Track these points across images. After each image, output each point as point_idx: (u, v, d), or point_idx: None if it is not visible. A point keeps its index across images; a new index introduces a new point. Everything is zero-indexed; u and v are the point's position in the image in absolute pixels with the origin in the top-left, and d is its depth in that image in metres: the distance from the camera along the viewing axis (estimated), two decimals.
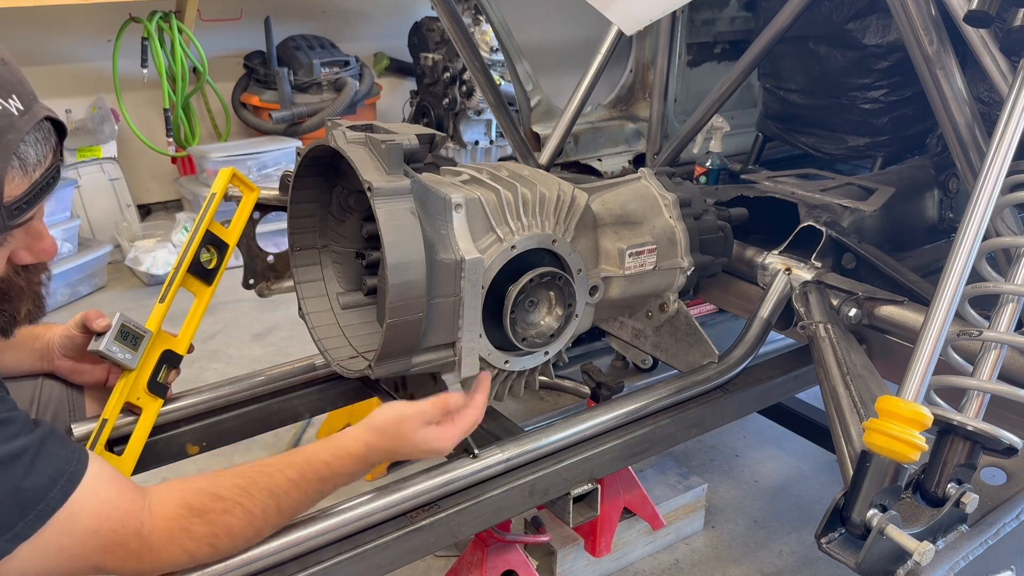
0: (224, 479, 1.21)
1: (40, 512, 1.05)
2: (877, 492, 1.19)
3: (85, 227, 4.01)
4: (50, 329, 1.60)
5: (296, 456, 1.27)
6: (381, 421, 1.31)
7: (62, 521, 1.07)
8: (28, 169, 1.08)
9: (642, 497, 2.11)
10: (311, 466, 1.26)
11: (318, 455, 1.27)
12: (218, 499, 1.18)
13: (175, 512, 1.15)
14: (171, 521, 1.15)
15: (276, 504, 1.21)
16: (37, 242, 1.17)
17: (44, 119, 1.11)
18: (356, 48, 4.97)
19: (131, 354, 1.55)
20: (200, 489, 1.19)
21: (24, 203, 1.08)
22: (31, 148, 1.08)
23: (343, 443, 1.30)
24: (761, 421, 2.65)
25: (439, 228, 1.41)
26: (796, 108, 2.46)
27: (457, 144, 4.67)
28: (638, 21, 1.84)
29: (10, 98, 1.05)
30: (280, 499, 1.22)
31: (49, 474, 1.07)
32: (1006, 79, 1.55)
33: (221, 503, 1.18)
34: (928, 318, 1.28)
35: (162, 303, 1.60)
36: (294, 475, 1.24)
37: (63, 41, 4.33)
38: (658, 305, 1.81)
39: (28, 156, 1.08)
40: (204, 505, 1.17)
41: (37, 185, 1.10)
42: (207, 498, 1.18)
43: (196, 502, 1.17)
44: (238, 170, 1.72)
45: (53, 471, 1.07)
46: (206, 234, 1.65)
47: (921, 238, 2.21)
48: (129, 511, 1.13)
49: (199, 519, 1.16)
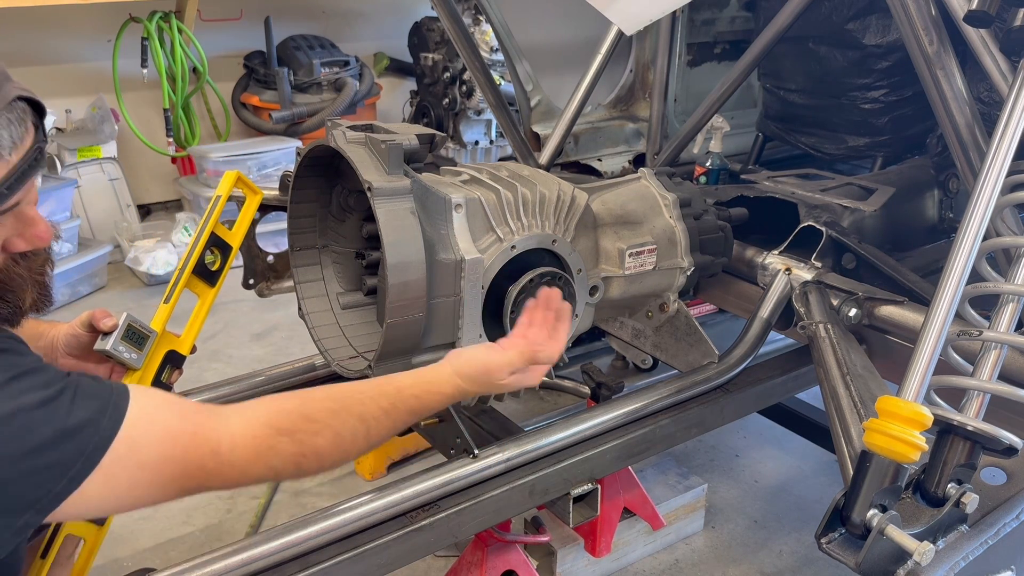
0: (315, 401, 1.21)
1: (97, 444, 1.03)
2: (877, 492, 1.19)
3: (85, 227, 4.01)
4: (55, 327, 1.60)
5: (387, 386, 1.26)
6: (471, 369, 1.31)
7: (123, 453, 1.05)
8: (3, 153, 1.04)
9: (642, 497, 2.11)
10: (402, 398, 1.26)
11: (410, 388, 1.27)
12: (309, 420, 1.17)
13: (262, 431, 1.14)
14: (257, 440, 1.13)
15: (366, 430, 1.21)
16: (30, 228, 1.14)
17: (16, 99, 1.07)
18: (356, 48, 4.97)
19: (136, 354, 1.55)
20: (290, 411, 1.18)
21: (4, 188, 1.05)
22: (3, 131, 1.04)
23: (435, 380, 1.30)
24: (761, 421, 2.65)
25: (439, 228, 1.41)
26: (796, 108, 2.46)
27: (457, 144, 4.67)
28: (638, 21, 1.84)
29: None
30: (370, 425, 1.22)
31: (93, 407, 1.05)
32: (1006, 79, 1.55)
33: (312, 424, 1.17)
34: (928, 318, 1.28)
35: (167, 304, 1.60)
36: (386, 404, 1.24)
37: (63, 41, 4.33)
38: (658, 305, 1.81)
39: (1, 139, 1.04)
40: (294, 425, 1.16)
41: (17, 169, 1.06)
42: (298, 419, 1.17)
43: (286, 423, 1.16)
44: (242, 173, 1.72)
45: (97, 403, 1.05)
46: (210, 236, 1.66)
47: (921, 238, 2.21)
48: (197, 432, 1.11)
49: (288, 438, 1.15)
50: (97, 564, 1.44)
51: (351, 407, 1.21)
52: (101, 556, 1.52)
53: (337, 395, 1.22)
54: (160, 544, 2.19)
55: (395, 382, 1.27)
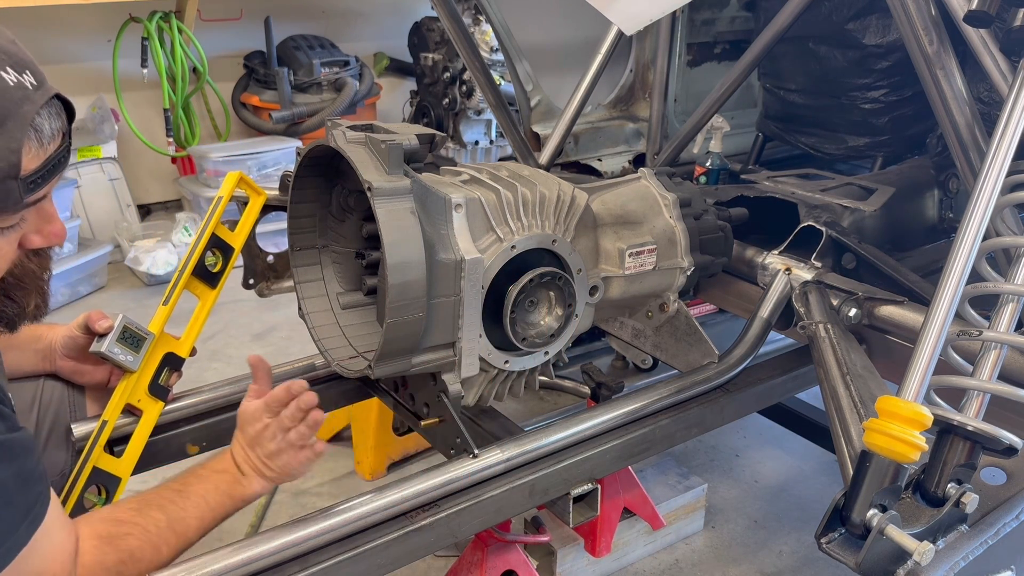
0: (124, 503, 1.28)
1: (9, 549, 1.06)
2: (877, 492, 1.19)
3: (85, 227, 4.01)
4: (52, 329, 1.61)
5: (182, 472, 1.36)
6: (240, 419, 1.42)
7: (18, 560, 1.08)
8: (44, 142, 1.08)
9: (642, 497, 2.11)
10: (191, 472, 1.35)
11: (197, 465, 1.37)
12: (119, 523, 1.23)
13: (90, 545, 1.20)
14: (89, 555, 1.19)
15: (164, 516, 1.27)
16: (48, 224, 1.17)
17: (55, 96, 1.11)
18: (356, 48, 4.97)
19: (132, 356, 1.55)
20: (104, 518, 1.24)
21: (39, 177, 1.08)
22: (46, 122, 1.08)
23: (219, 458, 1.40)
24: (761, 421, 2.65)
25: (439, 228, 1.41)
26: (796, 108, 2.46)
27: (457, 144, 4.67)
28: (638, 21, 1.84)
29: (24, 72, 1.06)
30: (168, 510, 1.27)
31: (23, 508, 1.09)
32: (1006, 79, 1.55)
33: (122, 527, 1.23)
34: (928, 318, 1.28)
35: (165, 305, 1.60)
36: (175, 484, 1.32)
37: (63, 41, 4.33)
38: (658, 305, 1.81)
39: (43, 129, 1.08)
40: (109, 531, 1.22)
41: (51, 160, 1.10)
42: (110, 524, 1.23)
43: (103, 530, 1.22)
44: (245, 174, 1.72)
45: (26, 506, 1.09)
46: (211, 237, 1.65)
47: (921, 238, 2.21)
48: (69, 554, 1.16)
49: (109, 546, 1.21)
50: None
51: (150, 500, 1.29)
52: None
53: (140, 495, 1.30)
54: None
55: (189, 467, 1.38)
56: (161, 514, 1.26)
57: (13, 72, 1.04)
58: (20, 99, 1.04)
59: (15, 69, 1.04)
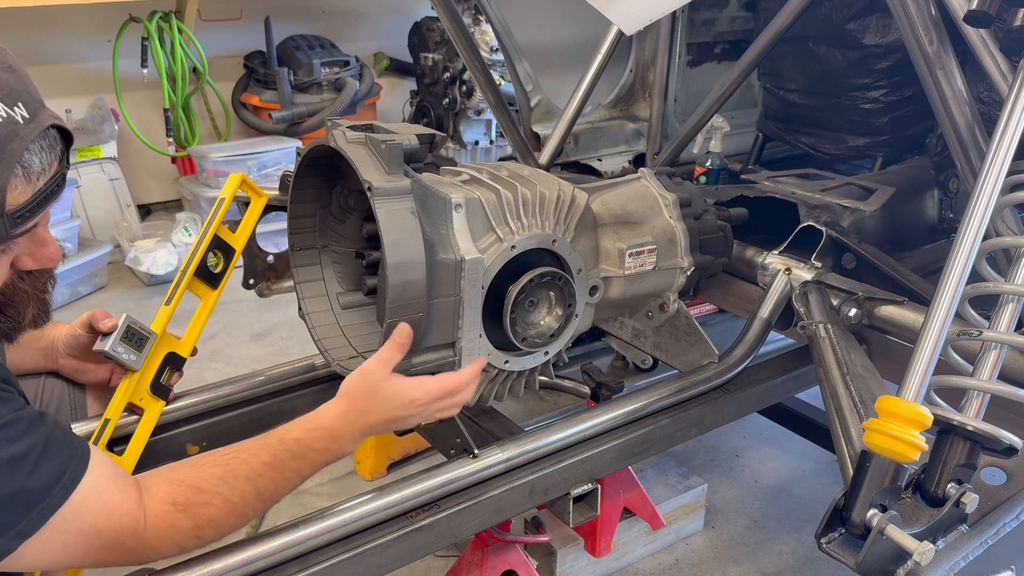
0: (204, 469, 1.22)
1: (42, 511, 1.06)
2: (877, 492, 1.19)
3: (85, 227, 4.01)
4: (55, 328, 1.61)
5: (270, 438, 1.27)
6: (348, 385, 1.31)
7: (66, 519, 1.08)
8: (32, 178, 1.07)
9: (642, 497, 2.11)
10: (284, 444, 1.26)
11: (290, 432, 1.27)
12: (199, 492, 1.19)
13: (162, 509, 1.17)
14: (160, 519, 1.17)
15: (255, 489, 1.23)
16: (41, 248, 1.16)
17: (50, 127, 1.10)
18: (356, 48, 4.96)
19: (135, 355, 1.56)
20: (182, 482, 1.20)
21: (27, 212, 1.08)
22: (35, 157, 1.07)
23: (315, 417, 1.29)
24: (761, 421, 2.65)
25: (439, 228, 1.41)
26: (796, 108, 2.46)
27: (457, 144, 4.67)
28: (638, 21, 1.84)
29: (15, 106, 1.04)
30: (257, 483, 1.23)
31: (53, 472, 1.08)
32: (1006, 79, 1.55)
33: (202, 496, 1.19)
34: (928, 318, 1.28)
35: (168, 306, 1.60)
36: (268, 458, 1.24)
37: (63, 41, 4.33)
38: (658, 305, 1.81)
39: (32, 165, 1.07)
40: (188, 499, 1.19)
41: (41, 193, 1.09)
42: (189, 491, 1.19)
43: (180, 497, 1.19)
44: (247, 175, 1.72)
45: (56, 470, 1.08)
46: (213, 238, 1.66)
47: (921, 238, 2.21)
48: (128, 511, 1.14)
49: (183, 514, 1.18)
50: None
51: (236, 469, 1.22)
52: None
53: (223, 459, 1.24)
54: None
55: (278, 431, 1.28)
56: (250, 487, 1.22)
57: (2, 107, 1.02)
58: (8, 136, 1.02)
59: (5, 103, 1.03)
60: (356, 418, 1.29)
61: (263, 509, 1.26)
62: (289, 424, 1.29)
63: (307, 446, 1.26)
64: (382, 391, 1.29)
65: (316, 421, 1.28)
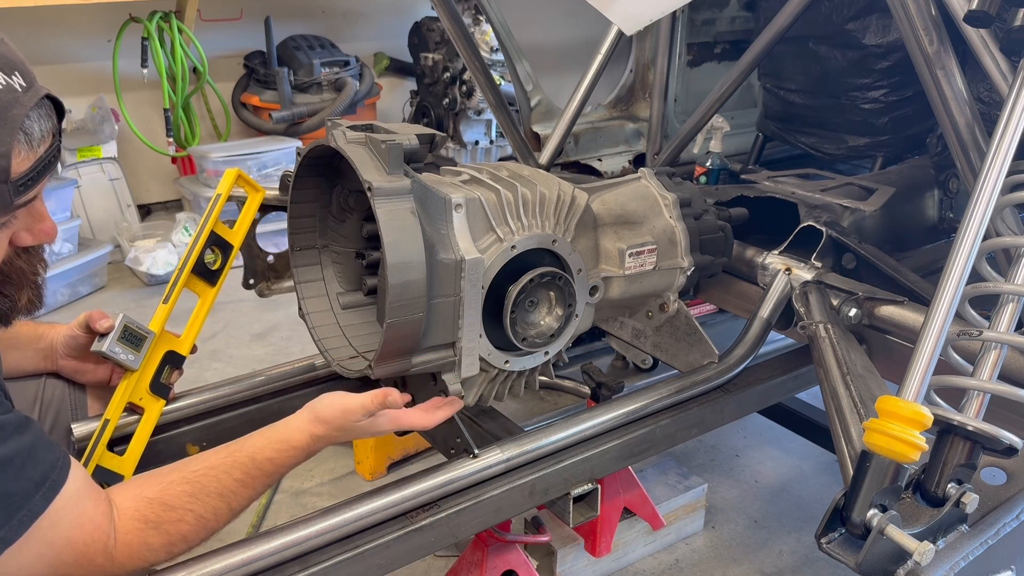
0: (173, 487, 1.23)
1: (23, 517, 1.06)
2: (877, 492, 1.19)
3: (85, 227, 4.01)
4: (54, 329, 1.61)
5: (240, 454, 1.28)
6: (328, 412, 1.34)
7: (43, 529, 1.08)
8: (33, 144, 1.08)
9: (642, 497, 2.11)
10: (256, 464, 1.28)
11: (263, 452, 1.29)
12: (170, 509, 1.21)
13: (132, 527, 1.18)
14: (130, 535, 1.17)
15: (227, 505, 1.25)
16: (38, 223, 1.17)
17: (45, 96, 1.11)
18: (356, 48, 4.97)
19: (134, 355, 1.55)
20: (152, 500, 1.21)
21: (29, 179, 1.08)
22: (35, 124, 1.08)
23: (287, 436, 1.32)
24: (761, 421, 2.65)
25: (439, 228, 1.40)
26: (796, 108, 2.46)
27: (457, 144, 4.67)
28: (638, 21, 1.84)
29: (13, 74, 1.05)
30: (230, 500, 1.25)
31: (35, 479, 1.08)
32: (1006, 79, 1.55)
33: (174, 513, 1.20)
34: (928, 318, 1.28)
35: (165, 304, 1.60)
36: (240, 476, 1.27)
37: (63, 41, 4.33)
38: (658, 305, 1.81)
39: (33, 131, 1.07)
40: (158, 516, 1.20)
41: (41, 161, 1.10)
42: (159, 509, 1.20)
43: (151, 514, 1.19)
44: (243, 171, 1.72)
45: (39, 476, 1.08)
46: (210, 235, 1.65)
47: (921, 238, 2.21)
48: (100, 525, 1.15)
49: (155, 531, 1.19)
50: None
51: (207, 486, 1.24)
52: None
53: (192, 476, 1.24)
54: None
55: (248, 448, 1.29)
56: (223, 503, 1.24)
57: (2, 75, 1.03)
58: (9, 102, 1.03)
59: (3, 71, 1.04)
60: (317, 442, 1.34)
61: (232, 519, 1.28)
62: (258, 440, 1.31)
63: (280, 465, 1.31)
64: (350, 428, 1.36)
65: (290, 441, 1.32)
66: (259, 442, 1.31)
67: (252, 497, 1.29)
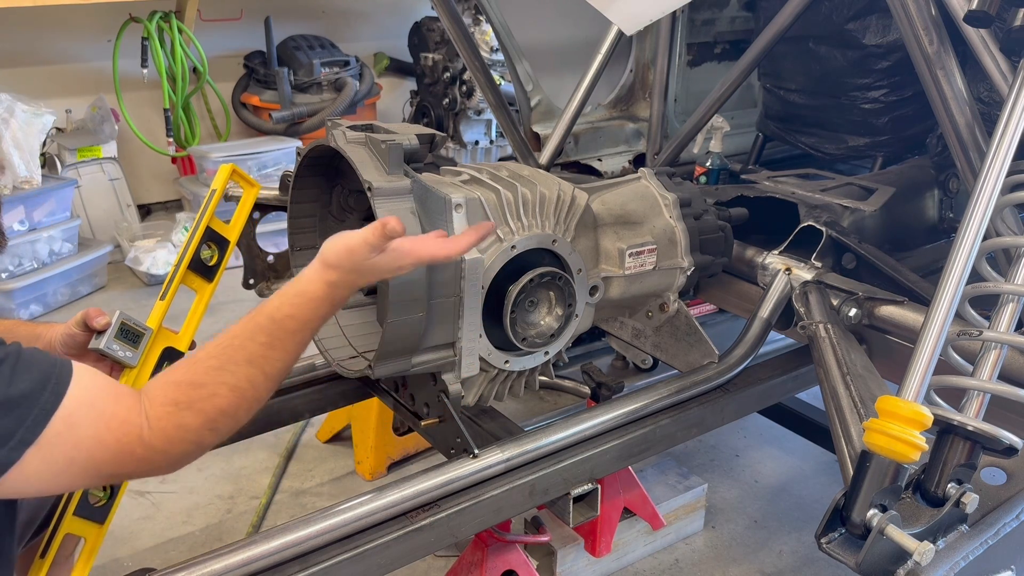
0: (199, 364, 1.18)
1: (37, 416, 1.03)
2: (877, 492, 1.19)
3: (85, 227, 4.01)
4: (51, 328, 1.60)
5: (259, 318, 1.22)
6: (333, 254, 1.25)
7: (62, 430, 1.05)
8: None
9: (642, 497, 2.11)
10: (277, 323, 1.22)
11: (280, 310, 1.22)
12: (199, 387, 1.15)
13: (164, 411, 1.13)
14: (163, 420, 1.12)
15: (260, 371, 1.19)
16: None
17: None
18: (356, 48, 4.97)
19: (131, 352, 1.55)
20: (179, 382, 1.16)
21: None
22: None
23: (303, 289, 1.24)
24: (761, 421, 2.65)
25: (439, 228, 1.40)
26: (796, 108, 2.46)
27: (457, 144, 4.67)
28: (638, 21, 1.84)
29: None
30: (261, 365, 1.19)
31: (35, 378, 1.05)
32: (1006, 79, 1.55)
33: (204, 390, 1.15)
34: (928, 318, 1.28)
35: (163, 300, 1.60)
36: (265, 339, 1.20)
37: (63, 41, 4.33)
38: (658, 305, 1.81)
39: None
40: (188, 396, 1.14)
41: None
42: (188, 389, 1.15)
43: (181, 396, 1.14)
44: (238, 166, 1.71)
45: (38, 375, 1.06)
46: (207, 231, 1.65)
47: (921, 238, 2.21)
48: (127, 418, 1.10)
49: (189, 411, 1.14)
50: (97, 564, 1.44)
51: (234, 356, 1.18)
52: (101, 556, 1.52)
53: (216, 351, 1.19)
54: (160, 544, 2.19)
55: (266, 311, 1.22)
56: (256, 369, 1.18)
57: None
58: None
59: None
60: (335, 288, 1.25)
61: (274, 387, 1.22)
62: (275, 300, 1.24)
63: (303, 321, 1.23)
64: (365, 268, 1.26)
65: (306, 294, 1.24)
66: (276, 302, 1.24)
67: (285, 360, 1.22)
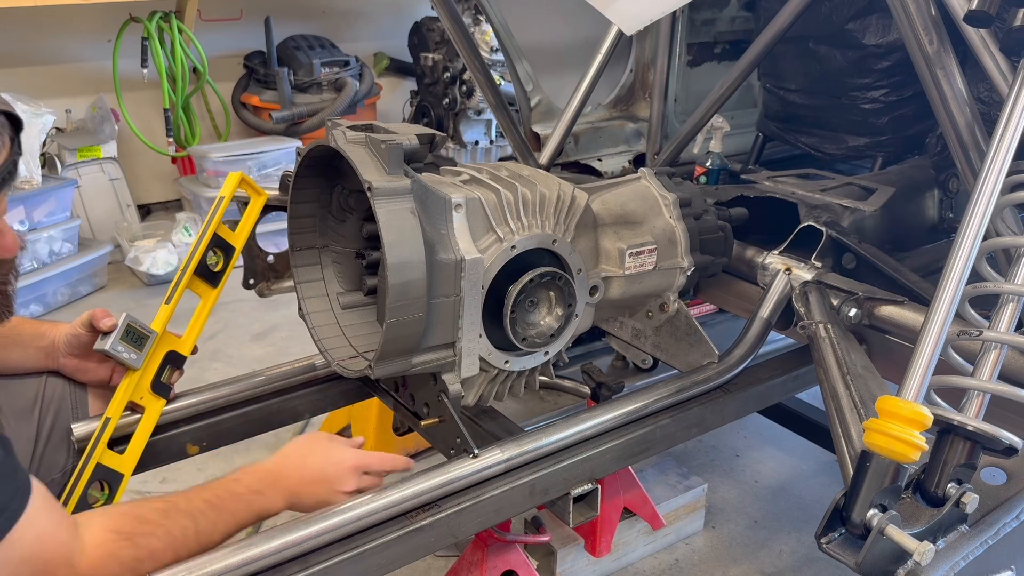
0: (148, 503, 1.25)
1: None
2: (877, 492, 1.19)
3: (85, 227, 4.01)
4: (56, 327, 1.61)
5: (212, 482, 1.32)
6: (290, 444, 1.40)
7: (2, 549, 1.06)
8: None
9: (642, 497, 2.11)
10: (223, 484, 1.31)
11: (233, 474, 1.34)
12: (143, 522, 1.21)
13: (103, 538, 1.17)
14: (100, 548, 1.16)
15: (194, 525, 1.25)
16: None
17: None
18: (356, 48, 4.97)
19: (136, 354, 1.56)
20: (126, 513, 1.21)
21: None
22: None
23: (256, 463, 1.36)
24: (761, 421, 2.65)
25: (439, 228, 1.41)
26: (796, 108, 2.46)
27: (457, 144, 4.67)
28: (638, 21, 1.84)
29: None
30: (197, 519, 1.25)
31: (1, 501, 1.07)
32: (1006, 79, 1.55)
33: (146, 526, 1.20)
34: (928, 318, 1.28)
35: (168, 304, 1.61)
36: (208, 495, 1.28)
37: (63, 41, 4.33)
38: (658, 305, 1.81)
39: None
40: (132, 528, 1.19)
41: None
42: (133, 521, 1.20)
43: (124, 526, 1.19)
44: (246, 174, 1.72)
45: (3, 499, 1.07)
46: (213, 237, 1.66)
47: (921, 238, 2.21)
48: (62, 541, 1.13)
49: (127, 542, 1.18)
50: None
51: (178, 504, 1.25)
52: None
53: (167, 497, 1.27)
54: None
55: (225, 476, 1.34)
56: (190, 523, 1.25)
57: None
58: None
59: None
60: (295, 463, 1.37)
61: (198, 550, 1.26)
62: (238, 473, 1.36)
63: (246, 485, 1.33)
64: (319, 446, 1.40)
65: (256, 465, 1.37)
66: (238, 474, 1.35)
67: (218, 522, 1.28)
